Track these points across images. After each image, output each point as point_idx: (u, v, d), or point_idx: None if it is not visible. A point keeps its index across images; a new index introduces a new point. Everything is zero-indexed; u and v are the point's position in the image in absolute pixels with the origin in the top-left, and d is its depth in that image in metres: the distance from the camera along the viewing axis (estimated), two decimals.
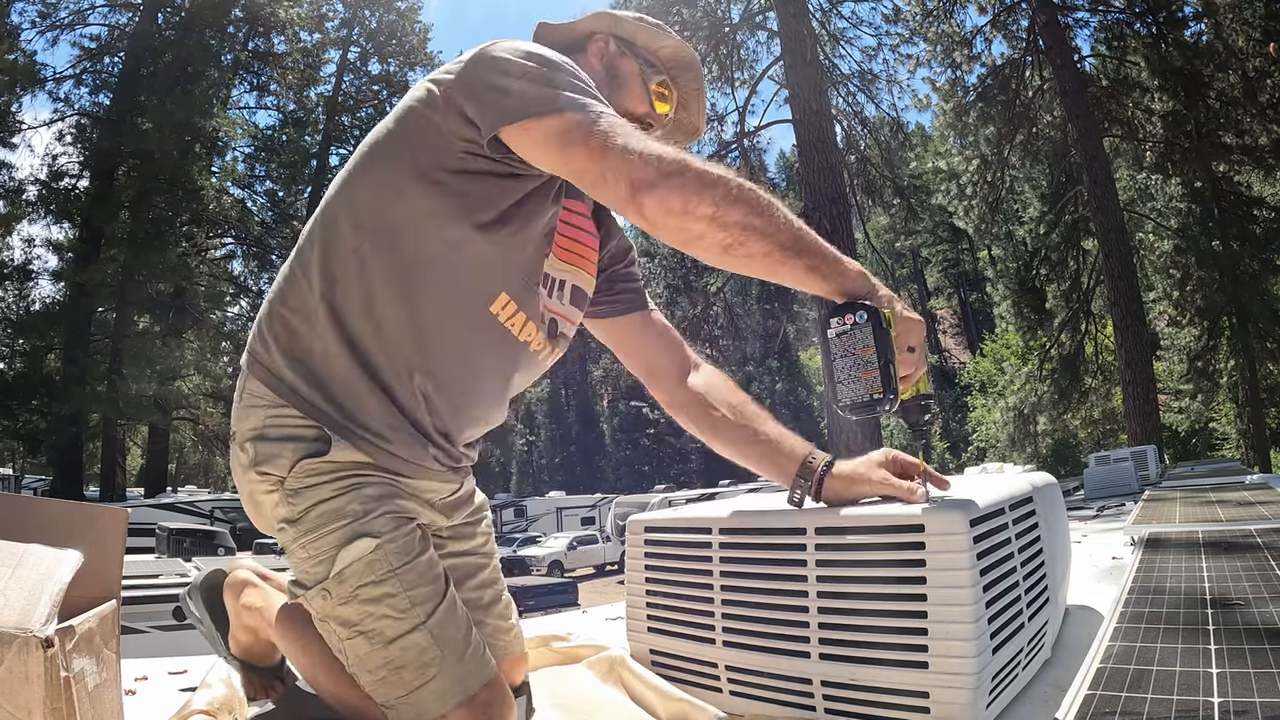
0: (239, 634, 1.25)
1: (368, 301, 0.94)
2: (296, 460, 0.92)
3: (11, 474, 20.12)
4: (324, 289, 0.95)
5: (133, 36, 19.02)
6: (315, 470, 0.92)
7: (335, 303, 0.95)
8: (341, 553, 0.90)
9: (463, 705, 0.90)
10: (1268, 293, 14.40)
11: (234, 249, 22.55)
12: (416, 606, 0.90)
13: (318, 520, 0.91)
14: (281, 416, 0.95)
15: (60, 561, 0.78)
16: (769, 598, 1.04)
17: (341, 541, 0.90)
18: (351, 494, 0.92)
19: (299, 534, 0.93)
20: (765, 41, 12.78)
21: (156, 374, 17.76)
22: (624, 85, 1.11)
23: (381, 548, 0.90)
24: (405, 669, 0.89)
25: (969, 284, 40.49)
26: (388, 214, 0.93)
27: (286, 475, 0.93)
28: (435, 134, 0.92)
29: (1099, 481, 5.07)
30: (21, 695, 0.65)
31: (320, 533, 0.91)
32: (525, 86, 0.88)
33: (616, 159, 0.86)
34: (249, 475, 0.96)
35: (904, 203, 13.02)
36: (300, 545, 0.93)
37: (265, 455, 0.94)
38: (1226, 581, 1.36)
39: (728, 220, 0.86)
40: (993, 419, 21.41)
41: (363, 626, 0.90)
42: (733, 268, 0.91)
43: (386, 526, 0.92)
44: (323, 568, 0.91)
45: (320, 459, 0.92)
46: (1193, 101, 13.02)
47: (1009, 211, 17.42)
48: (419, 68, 23.37)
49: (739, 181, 0.87)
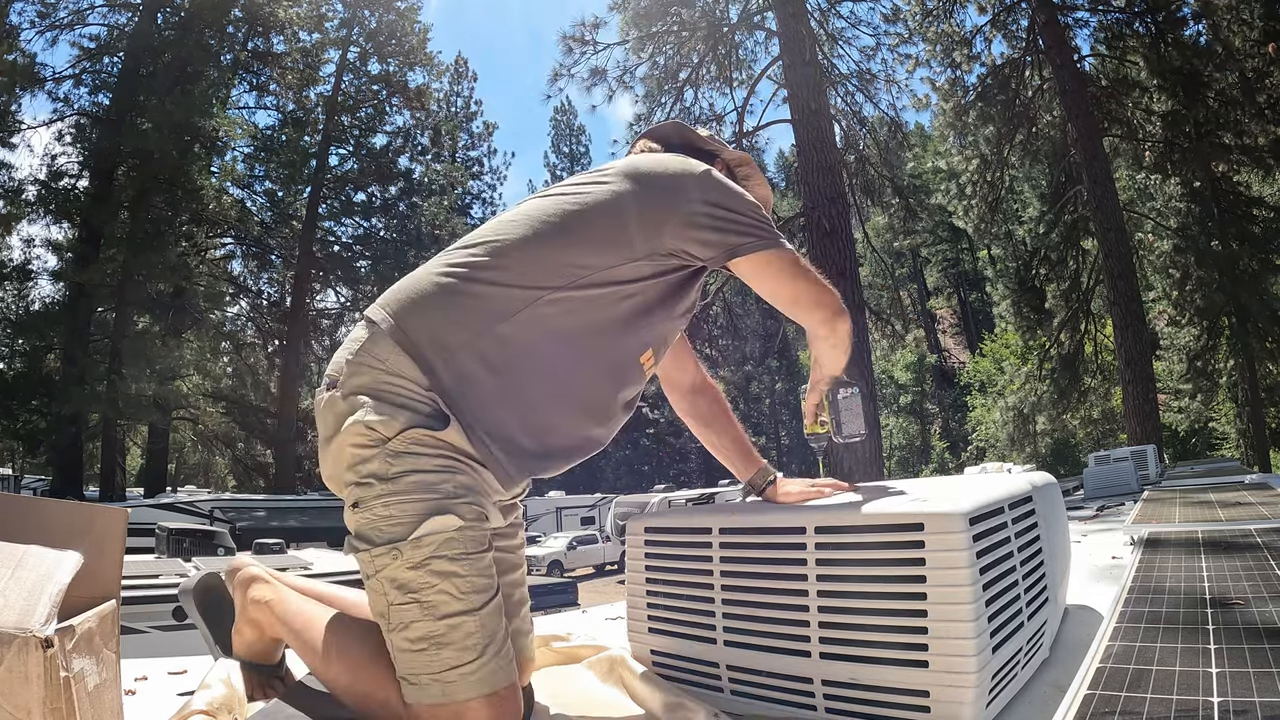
0: (244, 629, 1.26)
1: (552, 338, 1.06)
2: (408, 426, 0.98)
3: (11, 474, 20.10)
4: (516, 308, 1.04)
5: (132, 36, 18.99)
6: (423, 441, 0.98)
7: (516, 325, 1.04)
8: (427, 522, 0.95)
9: (486, 698, 0.94)
10: (1267, 292, 14.41)
11: (233, 249, 22.52)
12: (475, 594, 0.96)
13: (412, 485, 0.97)
14: (401, 383, 1.01)
15: (60, 562, 0.78)
16: (769, 597, 1.04)
17: (429, 511, 0.96)
18: (448, 474, 0.98)
19: (386, 491, 0.97)
20: (764, 41, 12.77)
21: (156, 374, 17.73)
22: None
23: (463, 531, 0.96)
24: (448, 648, 0.94)
25: (969, 284, 40.48)
26: (597, 278, 1.07)
27: (393, 436, 0.97)
28: (655, 235, 1.10)
29: (1099, 481, 5.07)
30: (21, 695, 0.65)
31: (411, 497, 0.96)
32: (752, 223, 1.14)
33: (824, 295, 1.19)
34: (349, 425, 1.00)
35: (903, 202, 13.00)
36: (384, 503, 0.97)
37: (378, 413, 0.98)
38: (1226, 581, 1.36)
39: (847, 331, 1.23)
40: (992, 419, 21.42)
41: (421, 596, 0.94)
42: (820, 347, 1.27)
43: (470, 515, 0.98)
44: (402, 529, 0.95)
45: (432, 433, 0.98)
46: (1192, 101, 13.02)
47: (1009, 211, 17.43)
48: (419, 67, 23.35)
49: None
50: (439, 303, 1.04)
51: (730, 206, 1.13)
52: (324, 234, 22.98)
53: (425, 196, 23.56)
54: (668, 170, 1.14)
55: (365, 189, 23.22)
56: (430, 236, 22.39)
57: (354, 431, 0.99)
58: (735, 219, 1.13)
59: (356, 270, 22.57)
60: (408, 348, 1.02)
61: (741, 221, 1.13)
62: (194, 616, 1.31)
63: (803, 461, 36.56)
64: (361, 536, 0.99)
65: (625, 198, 1.10)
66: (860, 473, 9.06)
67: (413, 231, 22.97)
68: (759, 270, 1.15)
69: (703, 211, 1.11)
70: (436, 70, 24.12)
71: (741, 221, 1.13)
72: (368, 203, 23.32)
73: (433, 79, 24.19)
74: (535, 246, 1.07)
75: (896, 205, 13.01)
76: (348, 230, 23.61)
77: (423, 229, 22.89)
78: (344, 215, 23.37)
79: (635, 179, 1.12)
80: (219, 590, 1.36)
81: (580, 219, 1.09)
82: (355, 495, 1.00)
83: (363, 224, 23.56)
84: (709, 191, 1.12)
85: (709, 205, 1.11)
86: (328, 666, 1.07)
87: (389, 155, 23.44)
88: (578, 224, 1.09)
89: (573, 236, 1.08)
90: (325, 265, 22.60)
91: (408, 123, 24.08)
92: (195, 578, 1.33)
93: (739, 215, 1.13)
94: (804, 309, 1.19)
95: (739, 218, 1.13)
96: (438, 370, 1.01)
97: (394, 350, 1.02)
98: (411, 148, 24.09)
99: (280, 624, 1.19)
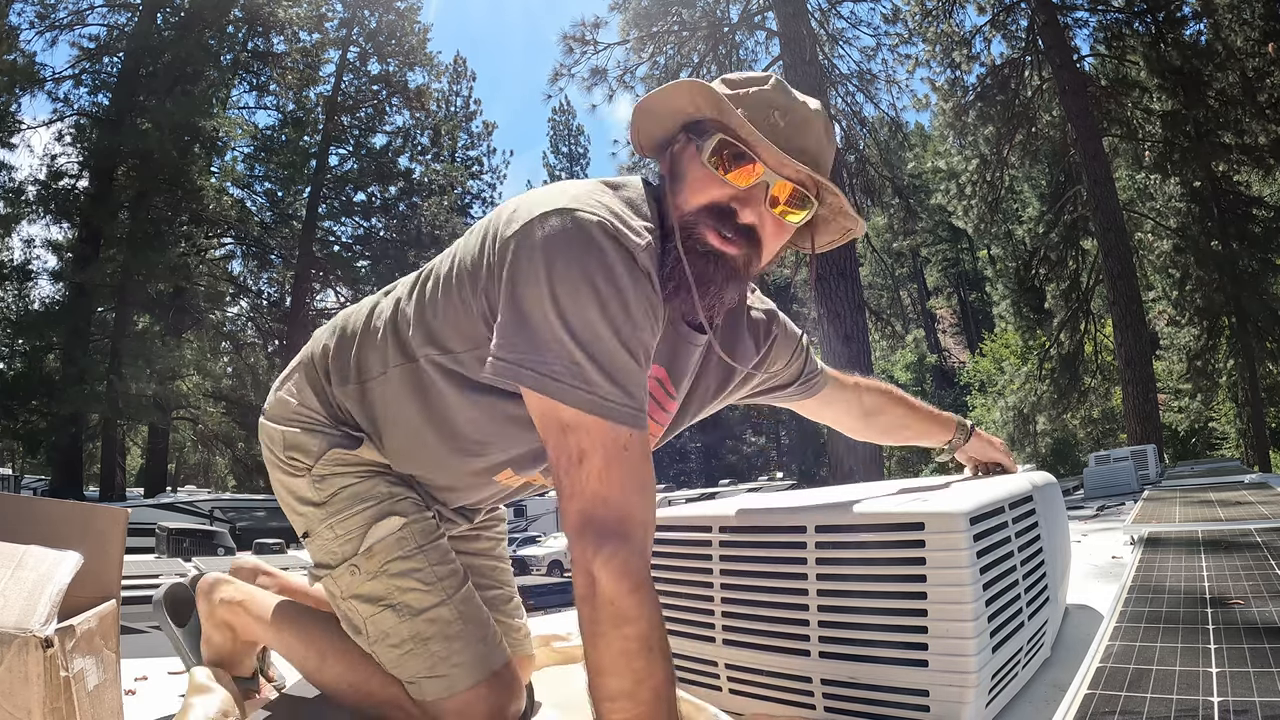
0: (213, 635, 1.18)
1: (412, 405, 0.97)
2: (326, 449, 0.98)
3: (11, 474, 20.11)
4: (382, 369, 0.98)
5: (132, 36, 18.98)
6: (342, 460, 0.98)
7: (384, 388, 0.98)
8: (371, 529, 0.95)
9: (486, 681, 0.93)
10: (1267, 292, 14.41)
11: (233, 249, 22.53)
12: (442, 581, 0.95)
13: (346, 501, 0.97)
14: (309, 412, 1.01)
15: (60, 562, 0.78)
16: (769, 596, 1.04)
17: (371, 520, 0.95)
18: (376, 479, 0.98)
19: (326, 515, 0.97)
20: (764, 41, 12.78)
21: (156, 374, 17.73)
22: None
23: (408, 526, 0.96)
24: (432, 640, 0.93)
25: (968, 283, 40.46)
26: (454, 359, 0.92)
27: (314, 463, 0.98)
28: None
29: (1099, 481, 5.07)
30: (21, 695, 0.65)
31: (349, 512, 0.96)
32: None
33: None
34: (272, 458, 1.02)
35: (903, 202, 13.01)
36: (328, 526, 0.97)
37: (294, 443, 0.99)
38: (1226, 581, 1.36)
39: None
40: (992, 419, 21.39)
41: (390, 600, 0.93)
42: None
43: (411, 509, 0.97)
44: (351, 545, 0.95)
45: (349, 451, 0.98)
46: (1192, 101, 13.02)
47: (1008, 211, 17.42)
48: (418, 68, 23.34)
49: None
50: (346, 354, 1.02)
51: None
52: (324, 234, 22.99)
53: (425, 196, 23.55)
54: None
55: (365, 189, 23.21)
56: (430, 236, 22.38)
57: (277, 465, 1.02)
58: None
59: (356, 270, 22.56)
60: (313, 381, 1.02)
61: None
62: (166, 629, 1.24)
63: (803, 462, 36.58)
64: (320, 564, 0.99)
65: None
66: (861, 473, 9.07)
67: (413, 231, 22.96)
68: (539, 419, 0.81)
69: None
70: (436, 70, 24.14)
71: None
72: (368, 203, 23.32)
73: (432, 79, 24.22)
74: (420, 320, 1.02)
75: (896, 205, 13.03)
76: (348, 230, 23.64)
77: (422, 229, 22.89)
78: (344, 215, 23.39)
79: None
80: (190, 600, 1.27)
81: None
82: (302, 526, 1.02)
83: (363, 224, 23.58)
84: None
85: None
86: (323, 666, 1.02)
87: (389, 155, 23.44)
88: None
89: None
90: (325, 265, 22.59)
91: (407, 123, 24.11)
92: (164, 587, 1.26)
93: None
94: (565, 521, 0.80)
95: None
96: (339, 401, 1.01)
97: (303, 384, 1.03)
98: (411, 148, 24.10)
99: (256, 624, 1.11)
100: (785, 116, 0.86)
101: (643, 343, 0.80)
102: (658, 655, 0.78)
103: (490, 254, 0.83)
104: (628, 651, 0.77)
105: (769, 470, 32.25)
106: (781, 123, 0.86)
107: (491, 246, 0.84)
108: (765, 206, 0.87)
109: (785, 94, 0.88)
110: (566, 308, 0.76)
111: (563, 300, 0.76)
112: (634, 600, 0.77)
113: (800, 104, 0.89)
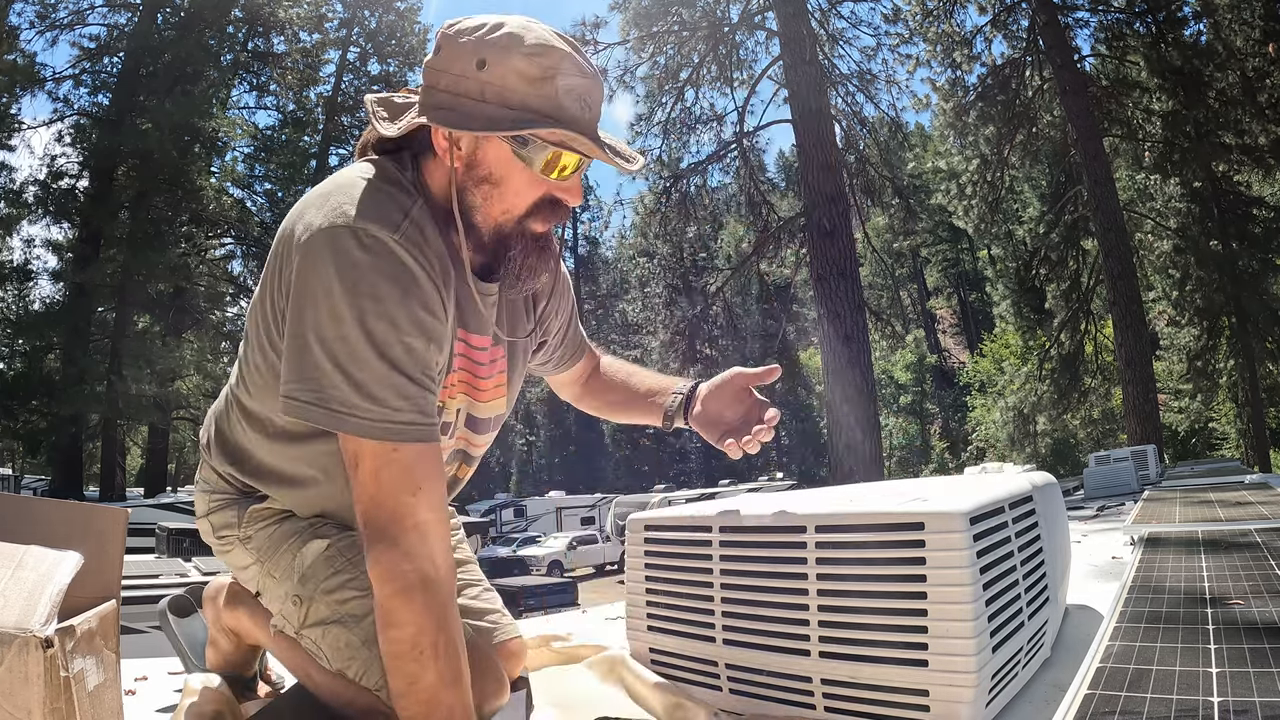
0: (219, 639, 1.22)
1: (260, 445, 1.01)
2: (244, 511, 1.02)
3: (11, 474, 20.12)
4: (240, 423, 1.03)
5: (132, 36, 18.99)
6: (260, 515, 1.01)
7: (245, 433, 1.02)
8: (298, 558, 0.97)
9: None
10: (1267, 292, 14.42)
11: (234, 249, 22.53)
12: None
13: (273, 545, 1.00)
14: (224, 493, 1.05)
15: (60, 562, 0.78)
16: (769, 596, 1.04)
17: (297, 549, 0.98)
18: (293, 518, 1.01)
19: (262, 565, 1.01)
20: (764, 41, 12.79)
21: (156, 374, 17.75)
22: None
23: (333, 545, 0.97)
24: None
25: (968, 284, 40.46)
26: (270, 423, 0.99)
27: (240, 529, 1.02)
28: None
29: (1099, 481, 5.07)
30: (21, 695, 0.65)
31: (278, 552, 0.99)
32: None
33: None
34: (215, 545, 1.07)
35: (903, 202, 13.01)
36: (266, 573, 1.00)
37: (220, 522, 1.04)
38: (1226, 581, 1.36)
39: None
40: (992, 419, 21.41)
41: (334, 616, 0.93)
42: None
43: (334, 532, 0.99)
44: (288, 580, 0.97)
45: (263, 505, 1.01)
46: (1192, 101, 13.02)
47: (1009, 211, 17.43)
48: (418, 68, 23.29)
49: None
50: (218, 431, 1.08)
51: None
52: None
53: None
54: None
55: None
56: None
57: (219, 550, 1.07)
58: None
59: None
60: (213, 470, 1.07)
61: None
62: (170, 635, 1.28)
63: (803, 462, 36.58)
64: (280, 615, 0.99)
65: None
66: (861, 473, 9.07)
67: None
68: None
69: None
70: None
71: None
72: None
73: None
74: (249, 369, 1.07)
75: (896, 205, 13.03)
76: None
77: None
78: None
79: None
80: (193, 607, 1.32)
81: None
82: (254, 588, 1.05)
83: None
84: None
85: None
86: (310, 672, 0.99)
87: None
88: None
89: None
90: None
91: None
92: (167, 599, 1.31)
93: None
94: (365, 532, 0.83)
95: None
96: (236, 477, 1.04)
97: (208, 474, 1.07)
98: None
99: (259, 629, 1.12)
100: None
101: (409, 348, 0.83)
102: (429, 659, 0.79)
103: (274, 291, 0.89)
104: (398, 654, 0.80)
105: (769, 470, 32.21)
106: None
107: (274, 281, 0.89)
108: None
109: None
110: (326, 334, 0.80)
111: (324, 327, 0.80)
112: (398, 603, 0.80)
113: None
